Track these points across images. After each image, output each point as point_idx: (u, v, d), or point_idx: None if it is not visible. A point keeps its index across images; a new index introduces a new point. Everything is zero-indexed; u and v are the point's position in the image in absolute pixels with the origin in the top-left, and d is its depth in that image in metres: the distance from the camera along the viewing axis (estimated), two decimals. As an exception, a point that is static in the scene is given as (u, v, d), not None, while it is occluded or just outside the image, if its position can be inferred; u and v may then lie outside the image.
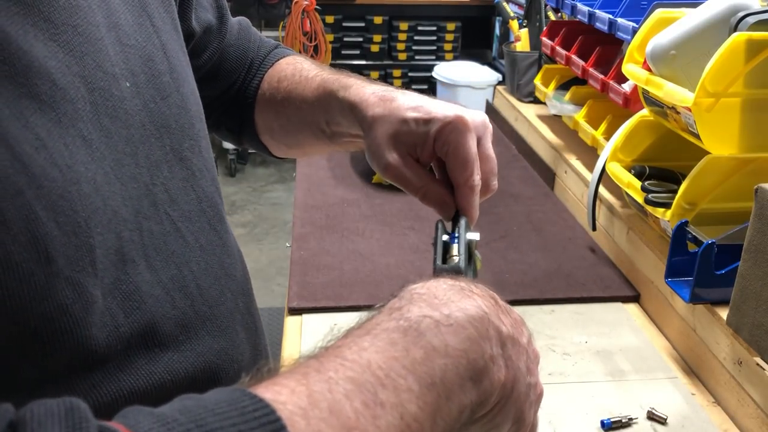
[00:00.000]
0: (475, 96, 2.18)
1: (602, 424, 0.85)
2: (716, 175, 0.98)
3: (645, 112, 1.13)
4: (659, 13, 1.11)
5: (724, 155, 0.97)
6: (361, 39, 4.36)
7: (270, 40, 0.92)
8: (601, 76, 1.35)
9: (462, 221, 0.62)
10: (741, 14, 0.93)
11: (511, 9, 2.46)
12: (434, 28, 4.38)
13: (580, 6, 1.43)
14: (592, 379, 0.94)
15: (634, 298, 1.13)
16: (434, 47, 4.42)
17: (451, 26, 4.38)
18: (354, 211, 1.39)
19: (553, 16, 1.81)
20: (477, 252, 0.62)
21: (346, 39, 4.35)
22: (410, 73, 4.40)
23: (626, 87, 1.27)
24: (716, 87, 0.91)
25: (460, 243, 0.60)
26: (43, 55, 0.47)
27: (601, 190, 1.25)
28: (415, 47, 4.40)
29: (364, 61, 4.33)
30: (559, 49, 1.56)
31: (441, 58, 4.39)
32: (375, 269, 1.17)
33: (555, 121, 1.66)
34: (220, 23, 0.84)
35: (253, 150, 0.94)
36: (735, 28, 0.92)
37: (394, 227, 1.32)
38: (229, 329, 0.62)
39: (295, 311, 1.07)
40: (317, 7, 3.91)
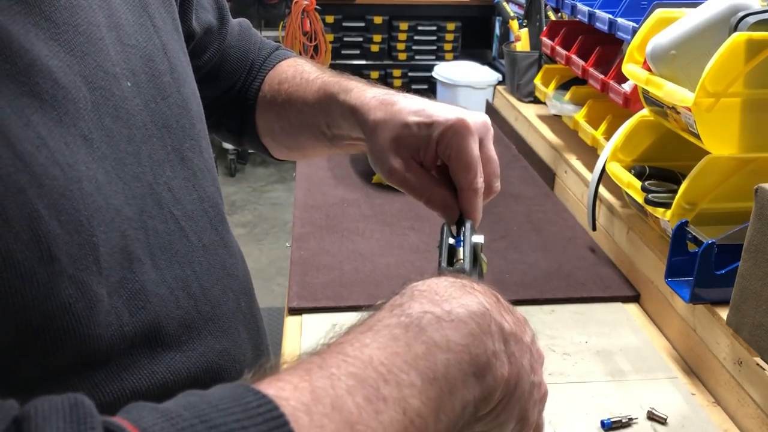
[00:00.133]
0: (475, 96, 2.17)
1: (602, 424, 0.85)
2: (716, 175, 0.98)
3: (645, 112, 1.13)
4: (659, 13, 1.11)
5: (724, 155, 0.97)
6: (361, 39, 4.35)
7: (271, 42, 0.93)
8: (601, 76, 1.35)
9: (467, 224, 0.62)
10: (741, 14, 0.93)
11: (511, 9, 2.46)
12: (434, 28, 4.38)
13: (580, 6, 1.43)
14: (592, 379, 0.94)
15: (634, 298, 1.13)
16: (434, 47, 4.42)
17: (451, 26, 4.38)
18: (354, 211, 1.39)
19: (553, 16, 1.81)
20: (483, 255, 0.61)
21: (346, 39, 4.34)
22: (410, 73, 4.39)
23: (626, 87, 1.27)
24: (716, 87, 0.91)
25: (465, 246, 0.60)
26: (45, 55, 0.47)
27: (601, 190, 1.25)
28: (415, 47, 4.40)
29: (364, 61, 4.33)
30: (559, 49, 1.56)
31: (441, 58, 4.38)
32: (375, 269, 1.17)
33: (555, 121, 1.66)
34: (221, 24, 0.84)
35: (254, 151, 0.94)
36: (735, 28, 0.92)
37: (394, 227, 1.32)
38: (231, 329, 0.62)
39: (295, 311, 1.07)
40: (317, 7, 3.91)
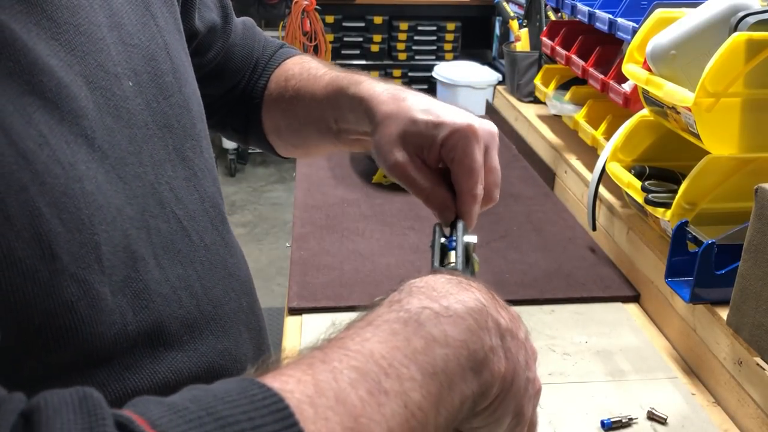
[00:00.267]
0: (475, 96, 2.18)
1: (602, 424, 0.85)
2: (716, 175, 0.98)
3: (645, 112, 1.13)
4: (659, 13, 1.11)
5: (724, 155, 0.97)
6: (361, 39, 4.36)
7: (275, 40, 0.92)
8: (601, 76, 1.35)
9: (459, 224, 0.62)
10: (741, 14, 0.93)
11: (511, 9, 2.46)
12: (434, 28, 4.38)
13: (580, 6, 1.43)
14: (592, 379, 0.94)
15: (634, 298, 1.13)
16: (434, 47, 4.42)
17: (451, 26, 4.38)
18: (354, 211, 1.39)
19: (553, 16, 1.81)
20: (474, 255, 0.62)
21: (346, 39, 4.34)
22: (410, 73, 4.39)
23: (626, 87, 1.27)
24: (716, 87, 0.91)
25: (458, 246, 0.60)
26: (46, 54, 0.47)
27: (601, 190, 1.25)
28: (415, 47, 4.40)
29: (364, 61, 4.33)
30: (559, 49, 1.56)
31: (441, 58, 4.38)
32: (375, 269, 1.17)
33: (555, 121, 1.66)
34: (225, 23, 0.84)
35: (259, 149, 0.94)
36: (735, 28, 0.92)
37: (394, 227, 1.32)
38: (232, 329, 0.62)
39: (295, 311, 1.07)
40: (317, 7, 3.92)
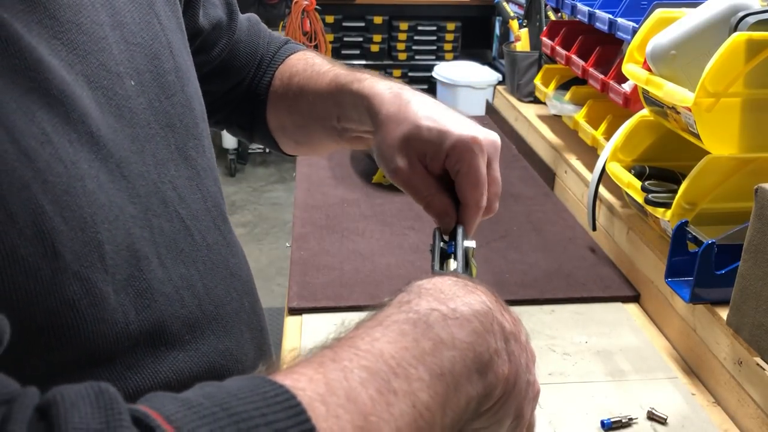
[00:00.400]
0: (475, 96, 2.18)
1: (602, 424, 0.85)
2: (716, 175, 0.98)
3: (645, 112, 1.13)
4: (659, 13, 1.11)
5: (724, 155, 0.97)
6: (361, 39, 4.36)
7: (279, 36, 0.92)
8: (601, 76, 1.35)
9: (459, 229, 0.63)
10: (741, 14, 0.93)
11: (511, 9, 2.46)
12: (434, 28, 4.39)
13: (580, 6, 1.43)
14: (592, 379, 0.94)
15: (634, 298, 1.13)
16: (434, 47, 4.42)
17: (451, 26, 4.39)
18: (354, 211, 1.39)
19: (553, 16, 1.81)
20: (473, 259, 0.62)
21: (346, 39, 4.35)
22: (410, 73, 4.40)
23: (626, 87, 1.27)
24: (716, 87, 0.91)
25: (458, 250, 0.60)
26: (48, 53, 0.47)
27: (601, 190, 1.25)
28: (415, 47, 4.41)
29: (364, 61, 4.33)
30: (559, 49, 1.56)
31: (441, 58, 4.39)
32: (375, 269, 1.17)
33: (555, 121, 1.66)
34: (230, 19, 0.84)
35: (264, 146, 0.94)
36: (735, 28, 0.92)
37: (394, 227, 1.32)
38: (234, 329, 0.62)
39: (295, 311, 1.07)
40: (317, 7, 3.92)
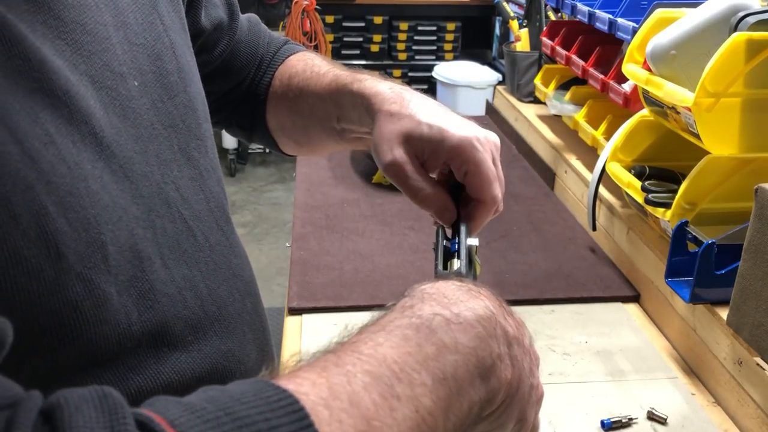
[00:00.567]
0: (475, 96, 2.18)
1: (602, 424, 0.85)
2: (716, 175, 0.98)
3: (645, 112, 1.13)
4: (659, 13, 1.11)
5: (724, 155, 0.97)
6: (361, 39, 4.36)
7: (280, 36, 0.92)
8: (601, 76, 1.35)
9: (462, 227, 0.62)
10: (741, 14, 0.93)
11: (511, 9, 2.46)
12: (434, 28, 4.38)
13: (580, 6, 1.43)
14: (592, 379, 0.94)
15: (634, 298, 1.13)
16: (434, 47, 4.42)
17: (451, 26, 4.38)
18: (354, 211, 1.39)
19: (553, 16, 1.81)
20: (477, 257, 0.62)
21: (346, 39, 4.35)
22: (410, 73, 4.40)
23: (626, 87, 1.27)
24: (716, 87, 0.91)
25: (461, 249, 0.60)
26: (52, 53, 0.47)
27: (601, 190, 1.25)
28: (415, 47, 4.41)
29: (364, 61, 4.33)
30: (559, 49, 1.56)
31: (441, 58, 4.39)
32: (375, 269, 1.17)
33: (555, 121, 1.66)
34: (231, 20, 0.84)
35: (263, 147, 0.94)
36: (735, 28, 0.92)
37: (394, 227, 1.32)
38: (236, 330, 0.62)
39: (295, 311, 1.07)
40: (317, 7, 3.92)
